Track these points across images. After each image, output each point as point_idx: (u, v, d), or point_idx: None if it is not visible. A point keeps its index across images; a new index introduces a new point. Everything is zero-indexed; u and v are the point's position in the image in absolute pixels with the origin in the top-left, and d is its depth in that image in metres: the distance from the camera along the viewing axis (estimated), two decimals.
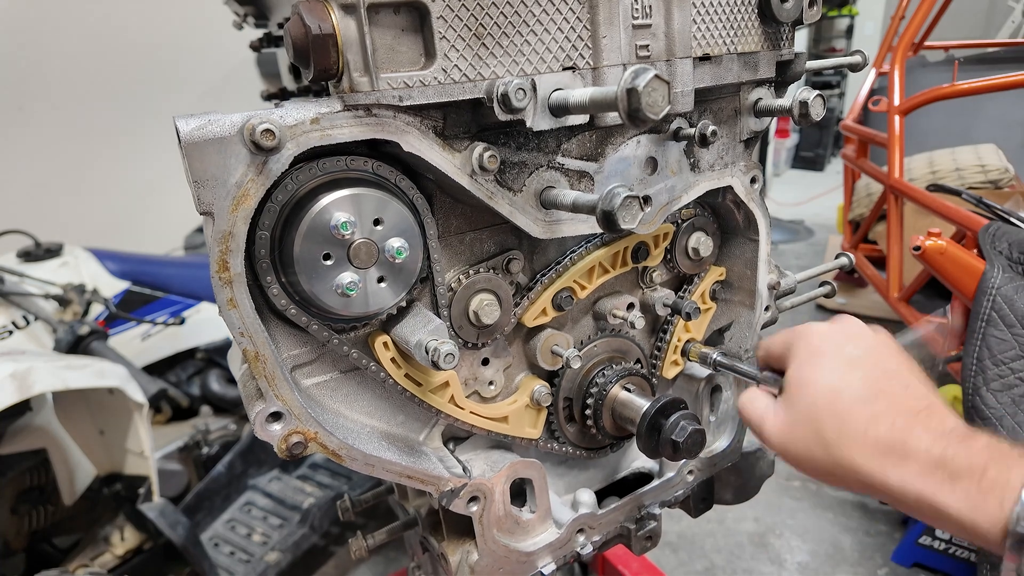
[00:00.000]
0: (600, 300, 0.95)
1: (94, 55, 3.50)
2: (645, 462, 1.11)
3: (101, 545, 1.97)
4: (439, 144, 0.67)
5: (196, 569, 1.95)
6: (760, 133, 0.94)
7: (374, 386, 0.78)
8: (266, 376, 0.65)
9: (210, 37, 3.51)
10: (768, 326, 1.07)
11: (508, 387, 0.91)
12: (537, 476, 0.90)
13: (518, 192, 0.74)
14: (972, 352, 1.52)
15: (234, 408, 2.66)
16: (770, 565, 2.50)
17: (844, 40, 9.66)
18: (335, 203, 0.63)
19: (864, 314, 4.12)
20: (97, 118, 3.57)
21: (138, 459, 1.97)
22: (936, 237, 1.74)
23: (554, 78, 0.70)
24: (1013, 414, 1.44)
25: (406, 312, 0.75)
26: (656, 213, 0.86)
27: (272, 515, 2.38)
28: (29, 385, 1.58)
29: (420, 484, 0.78)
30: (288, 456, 0.68)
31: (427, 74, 0.63)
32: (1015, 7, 5.72)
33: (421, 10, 0.62)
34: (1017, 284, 1.52)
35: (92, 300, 2.22)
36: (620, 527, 1.00)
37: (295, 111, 0.60)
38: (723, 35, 0.81)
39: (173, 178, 1.58)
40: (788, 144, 8.74)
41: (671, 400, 0.83)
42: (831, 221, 6.04)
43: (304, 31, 0.59)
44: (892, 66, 2.81)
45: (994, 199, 1.99)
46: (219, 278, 0.60)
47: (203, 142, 0.56)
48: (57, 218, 3.32)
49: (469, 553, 0.88)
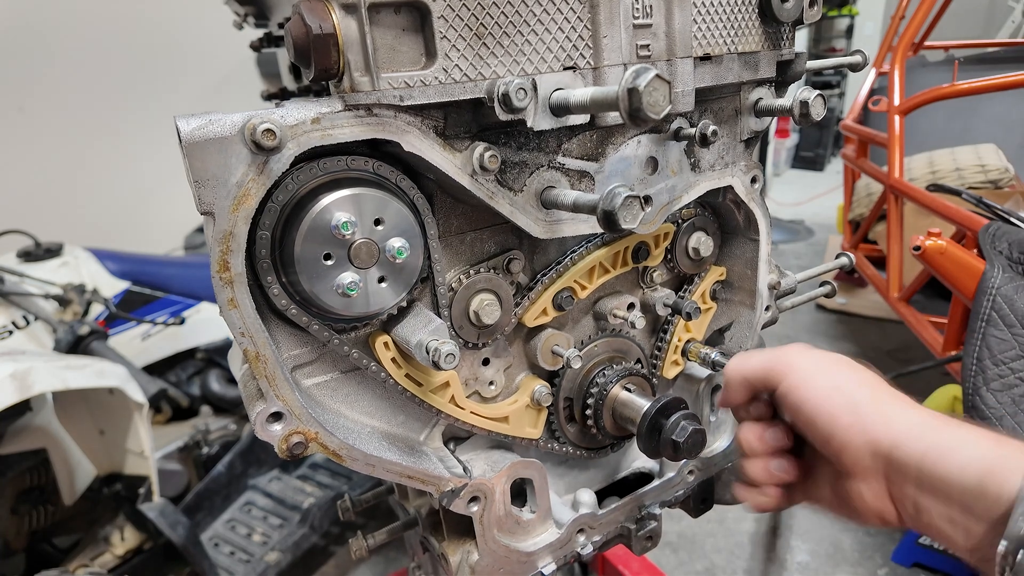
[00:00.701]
0: (600, 300, 0.95)
1: (94, 55, 3.50)
2: (645, 462, 1.11)
3: (101, 545, 1.97)
4: (440, 144, 0.67)
5: (196, 569, 1.95)
6: (760, 133, 0.94)
7: (375, 386, 0.78)
8: (267, 376, 0.65)
9: (210, 37, 3.51)
10: (768, 326, 1.07)
11: (508, 387, 0.91)
12: (537, 476, 0.90)
13: (519, 192, 0.74)
14: (972, 352, 1.52)
15: (234, 408, 2.66)
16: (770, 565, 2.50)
17: (844, 40, 9.66)
18: (336, 203, 0.63)
19: (864, 314, 4.11)
20: (97, 118, 3.57)
21: (138, 459, 1.97)
22: (936, 237, 1.74)
23: (555, 78, 0.70)
24: (1013, 414, 1.44)
25: (407, 312, 0.75)
26: (657, 213, 0.86)
27: (272, 515, 2.39)
28: (29, 385, 1.58)
29: (420, 484, 0.78)
30: (288, 456, 0.68)
31: (428, 74, 0.63)
32: (1015, 7, 5.73)
33: (422, 10, 0.62)
34: (1017, 284, 1.52)
35: (92, 300, 2.23)
36: (620, 527, 1.00)
37: (296, 111, 0.60)
38: (724, 35, 0.81)
39: (173, 178, 1.59)
40: (788, 144, 8.74)
41: (672, 400, 0.83)
42: (831, 221, 6.05)
43: (305, 31, 0.59)
44: (892, 66, 2.81)
45: (994, 199, 1.99)
46: (220, 278, 0.60)
47: (204, 142, 0.56)
48: (57, 218, 3.32)
49: (469, 553, 0.88)
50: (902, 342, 3.84)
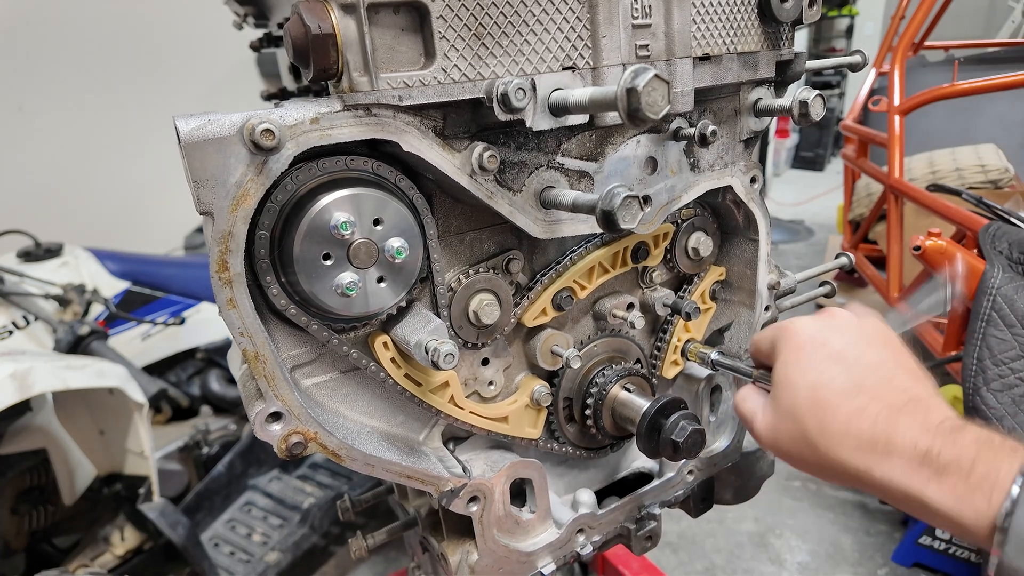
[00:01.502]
0: (600, 300, 0.95)
1: (94, 55, 3.50)
2: (645, 462, 1.11)
3: (101, 545, 1.97)
4: (439, 144, 0.67)
5: (196, 569, 1.95)
6: (760, 133, 0.94)
7: (374, 386, 0.78)
8: (266, 376, 0.65)
9: (210, 37, 3.51)
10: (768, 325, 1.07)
11: (508, 387, 0.91)
12: (537, 476, 0.90)
13: (518, 192, 0.74)
14: (972, 352, 1.52)
15: (234, 408, 2.66)
16: (770, 565, 2.50)
17: (844, 40, 9.66)
18: (335, 203, 0.63)
19: None
20: (97, 118, 3.57)
21: (138, 459, 1.97)
22: (936, 237, 1.74)
23: (554, 78, 0.70)
24: (1013, 414, 1.44)
25: (406, 312, 0.75)
26: (656, 213, 0.86)
27: (272, 515, 2.39)
28: (29, 385, 1.58)
29: (420, 484, 0.78)
30: (288, 456, 0.68)
31: (427, 74, 0.63)
32: (1015, 7, 5.72)
33: (421, 10, 0.62)
34: (1017, 284, 1.52)
35: (92, 300, 2.23)
36: (620, 527, 1.00)
37: (295, 111, 0.60)
38: (723, 35, 0.81)
39: (173, 178, 1.58)
40: (788, 144, 8.74)
41: (671, 400, 0.83)
42: (831, 221, 6.05)
43: (304, 31, 0.59)
44: (892, 66, 2.81)
45: (994, 199, 1.99)
46: (219, 278, 0.60)
47: (203, 142, 0.56)
48: (57, 218, 3.32)
49: (469, 553, 0.88)
50: None
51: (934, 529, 2.27)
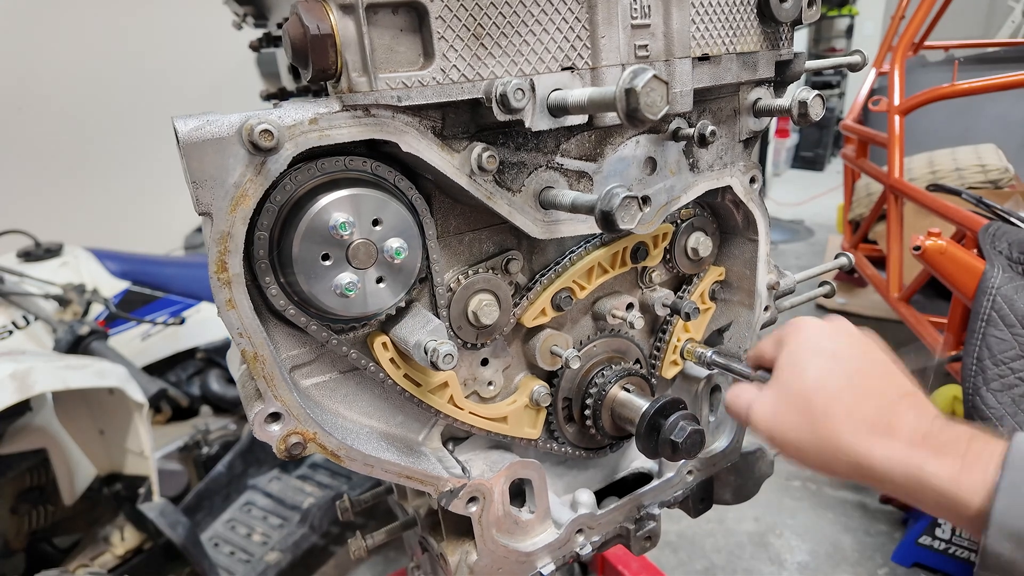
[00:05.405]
0: (599, 300, 0.95)
1: (94, 55, 3.50)
2: (644, 462, 1.11)
3: (101, 545, 1.97)
4: (438, 144, 0.67)
5: (196, 569, 1.95)
6: (759, 133, 0.94)
7: (373, 386, 0.78)
8: (265, 376, 0.65)
9: (210, 37, 3.51)
10: (768, 326, 1.07)
11: (507, 387, 0.91)
12: (536, 476, 0.90)
13: (517, 192, 0.74)
14: (972, 352, 1.52)
15: (234, 408, 2.66)
16: (770, 565, 2.50)
17: (844, 40, 9.65)
18: (334, 203, 0.63)
19: (864, 314, 4.09)
20: (97, 118, 3.58)
21: (138, 459, 1.97)
22: (936, 237, 1.74)
23: (553, 78, 0.70)
24: (1013, 414, 1.44)
25: (405, 312, 0.75)
26: (655, 213, 0.86)
27: (272, 515, 2.39)
28: (29, 385, 1.58)
29: (419, 484, 0.78)
30: (287, 456, 0.68)
31: (426, 74, 0.63)
32: (1015, 7, 5.72)
33: (419, 10, 0.62)
34: (1017, 284, 1.52)
35: (92, 300, 2.23)
36: (619, 527, 1.00)
37: (293, 111, 0.60)
38: (722, 35, 0.81)
39: (173, 178, 1.58)
40: (788, 144, 8.73)
41: (670, 400, 0.83)
42: (831, 221, 6.04)
43: (303, 31, 0.59)
44: (892, 66, 2.81)
45: (994, 199, 1.99)
46: (218, 279, 0.60)
47: (201, 142, 0.56)
48: (57, 218, 3.32)
49: (468, 553, 0.88)
50: (902, 342, 3.83)
51: (934, 529, 2.27)
